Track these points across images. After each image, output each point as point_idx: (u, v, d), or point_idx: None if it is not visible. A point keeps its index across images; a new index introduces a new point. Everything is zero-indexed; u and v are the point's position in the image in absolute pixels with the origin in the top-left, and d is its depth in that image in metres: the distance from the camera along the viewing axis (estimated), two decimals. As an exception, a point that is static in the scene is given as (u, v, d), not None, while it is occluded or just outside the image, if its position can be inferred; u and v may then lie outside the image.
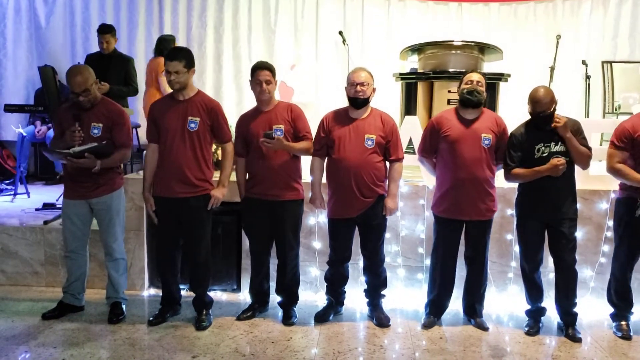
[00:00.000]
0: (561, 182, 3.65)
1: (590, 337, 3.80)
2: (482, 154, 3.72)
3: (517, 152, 3.72)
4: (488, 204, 3.79)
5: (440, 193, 3.84)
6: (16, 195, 5.86)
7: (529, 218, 3.77)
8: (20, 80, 7.18)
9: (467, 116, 3.79)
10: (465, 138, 3.73)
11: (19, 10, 7.17)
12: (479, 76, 3.80)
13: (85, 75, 3.70)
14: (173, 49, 3.84)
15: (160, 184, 3.77)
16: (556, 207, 3.69)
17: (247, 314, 4.01)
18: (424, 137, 3.93)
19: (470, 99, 3.73)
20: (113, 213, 3.90)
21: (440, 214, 3.86)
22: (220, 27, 7.24)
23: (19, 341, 3.58)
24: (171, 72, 3.65)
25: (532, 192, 3.73)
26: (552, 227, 3.73)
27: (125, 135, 3.86)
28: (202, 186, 3.77)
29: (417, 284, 4.38)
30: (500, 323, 4.02)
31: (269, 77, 3.79)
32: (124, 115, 3.89)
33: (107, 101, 3.90)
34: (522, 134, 3.74)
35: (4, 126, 7.14)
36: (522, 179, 3.71)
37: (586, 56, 6.89)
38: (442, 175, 3.84)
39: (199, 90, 3.84)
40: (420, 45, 6.00)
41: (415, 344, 3.67)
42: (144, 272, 4.54)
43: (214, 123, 3.77)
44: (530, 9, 7.27)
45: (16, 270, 4.56)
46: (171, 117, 3.72)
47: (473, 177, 3.71)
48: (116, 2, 7.21)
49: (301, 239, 4.17)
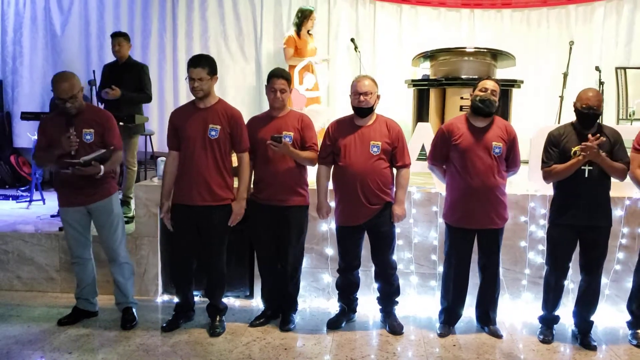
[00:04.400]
0: (597, 187, 3.61)
1: (605, 345, 3.77)
2: (493, 162, 3.71)
3: (554, 150, 3.66)
4: (500, 212, 3.77)
5: (452, 202, 3.83)
6: (32, 202, 5.93)
7: (562, 224, 3.70)
8: (36, 88, 7.28)
9: (477, 124, 3.77)
10: (476, 146, 3.71)
11: (35, 19, 7.28)
12: (494, 84, 3.77)
13: (72, 82, 3.69)
14: (196, 56, 3.79)
15: (181, 191, 3.79)
16: (592, 214, 3.62)
17: (260, 320, 4.02)
18: (434, 144, 3.92)
19: (483, 107, 3.71)
20: (113, 216, 3.91)
21: (452, 223, 3.85)
22: (234, 35, 7.29)
23: (34, 347, 3.61)
24: (195, 79, 3.66)
25: (567, 198, 3.67)
26: (586, 234, 3.66)
27: (117, 137, 3.87)
28: (224, 195, 3.78)
29: (430, 291, 4.36)
30: (514, 330, 3.99)
31: (284, 85, 3.82)
32: (112, 118, 3.90)
33: (92, 107, 3.98)
34: (560, 134, 3.70)
35: (20, 134, 7.24)
36: (558, 175, 3.64)
37: (599, 62, 6.85)
38: (453, 184, 3.83)
39: (219, 98, 3.86)
40: (433, 51, 6.01)
41: (428, 352, 3.66)
42: (158, 278, 4.56)
43: (233, 131, 3.78)
44: (543, 15, 7.24)
45: (32, 276, 4.61)
46: (192, 125, 3.74)
47: (484, 186, 3.70)
48: (130, 11, 7.28)
49: (313, 246, 4.17)
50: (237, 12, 7.27)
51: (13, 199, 6.18)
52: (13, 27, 7.30)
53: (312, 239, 4.29)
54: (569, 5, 7.17)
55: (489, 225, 3.76)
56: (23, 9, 7.27)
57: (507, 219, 3.84)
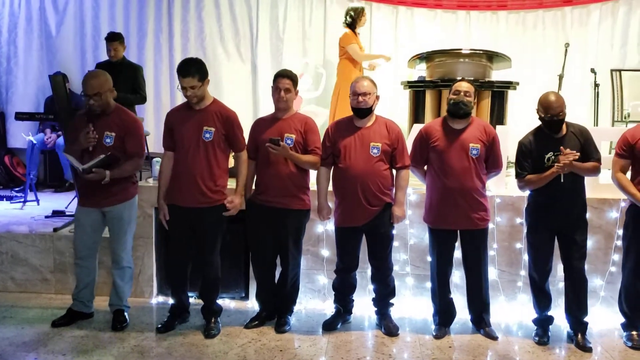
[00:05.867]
0: (571, 189, 3.65)
1: (600, 347, 3.77)
2: (470, 163, 3.72)
3: (527, 160, 3.71)
4: (480, 214, 3.77)
5: (430, 203, 3.85)
6: (26, 202, 5.89)
7: (539, 226, 3.76)
8: (30, 88, 7.25)
9: (455, 126, 3.79)
10: (453, 148, 3.73)
11: (30, 19, 7.25)
12: (468, 85, 3.80)
13: (101, 80, 3.73)
14: (184, 64, 3.69)
15: (174, 192, 3.79)
16: (567, 215, 3.69)
17: (255, 322, 4.01)
18: (414, 146, 3.95)
19: (456, 111, 3.75)
20: (125, 222, 3.91)
21: (431, 224, 3.88)
22: (230, 35, 7.28)
23: (28, 348, 3.59)
24: (187, 87, 3.65)
25: (542, 200, 3.72)
26: (563, 234, 3.73)
27: (138, 144, 3.87)
28: (217, 197, 3.77)
29: (425, 292, 4.34)
30: (509, 332, 3.99)
31: (289, 85, 3.81)
32: (137, 124, 3.91)
33: (122, 110, 3.91)
34: (530, 142, 3.74)
35: (14, 134, 7.20)
36: (534, 185, 3.70)
37: (595, 64, 6.87)
38: (432, 185, 3.85)
39: (214, 98, 3.85)
40: (429, 53, 6.00)
41: (424, 353, 3.65)
42: (153, 279, 4.55)
43: (229, 132, 3.77)
44: (538, 17, 7.25)
45: (26, 278, 4.58)
46: (187, 126, 3.73)
47: (461, 187, 3.71)
48: (126, 11, 7.26)
49: (309, 247, 4.16)
50: (233, 13, 7.26)
51: (7, 200, 6.14)
52: (8, 27, 7.27)
53: (308, 240, 4.28)
54: (564, 7, 7.18)
55: (468, 227, 3.77)
56: (18, 9, 7.25)
57: (489, 220, 3.86)
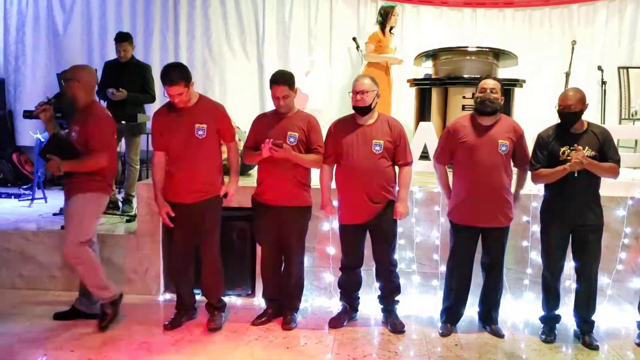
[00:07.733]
0: (586, 187, 3.62)
1: (607, 345, 3.76)
2: (499, 160, 3.71)
3: (542, 152, 3.70)
4: (505, 211, 3.76)
5: (458, 200, 3.82)
6: (34, 200, 5.93)
7: (554, 224, 3.73)
8: (38, 86, 7.27)
9: (483, 122, 3.78)
10: (482, 144, 3.71)
11: (37, 18, 7.29)
12: (494, 82, 3.78)
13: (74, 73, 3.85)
14: (167, 73, 3.61)
15: (169, 190, 3.80)
16: (582, 213, 3.65)
17: (262, 319, 4.02)
18: (440, 142, 3.93)
19: (483, 108, 3.73)
20: (69, 214, 3.83)
21: (457, 221, 3.85)
22: (236, 33, 7.29)
23: (37, 344, 3.62)
24: (174, 95, 3.64)
25: (557, 198, 3.69)
26: (578, 233, 3.69)
27: (98, 140, 3.75)
28: (211, 190, 3.80)
29: (432, 290, 4.36)
30: (515, 330, 3.99)
31: (286, 92, 3.78)
32: (99, 119, 3.82)
33: (95, 105, 3.91)
34: (549, 135, 3.72)
35: (22, 132, 7.25)
36: (546, 178, 3.68)
37: (602, 62, 6.85)
38: (459, 182, 3.83)
39: (200, 95, 3.85)
40: (435, 51, 6.00)
41: (430, 351, 3.65)
42: (160, 277, 4.56)
43: (219, 126, 3.80)
44: (545, 15, 7.24)
45: (34, 275, 4.61)
46: (177, 126, 3.73)
47: (491, 184, 3.70)
48: (132, 10, 7.29)
49: (315, 245, 4.16)
50: (239, 11, 7.28)
51: (15, 197, 6.18)
52: (16, 26, 7.31)
53: (314, 238, 4.29)
54: (571, 4, 7.17)
55: (494, 224, 3.76)
56: (26, 8, 7.29)
57: (512, 217, 3.84)
